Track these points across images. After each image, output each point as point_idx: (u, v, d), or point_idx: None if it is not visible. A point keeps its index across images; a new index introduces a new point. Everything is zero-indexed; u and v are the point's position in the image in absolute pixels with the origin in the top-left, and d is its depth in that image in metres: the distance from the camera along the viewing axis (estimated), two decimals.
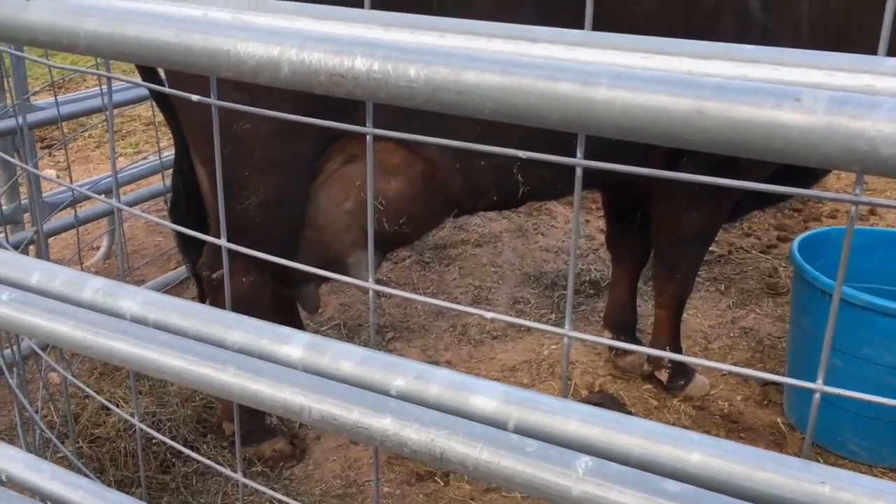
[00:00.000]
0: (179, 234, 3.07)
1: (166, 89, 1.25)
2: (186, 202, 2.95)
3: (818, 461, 2.51)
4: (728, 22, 2.68)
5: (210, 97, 1.13)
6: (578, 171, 0.89)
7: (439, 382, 0.94)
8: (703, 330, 3.86)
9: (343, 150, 2.70)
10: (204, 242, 3.07)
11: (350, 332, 3.82)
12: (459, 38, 0.80)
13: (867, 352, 2.69)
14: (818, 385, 0.85)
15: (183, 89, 2.90)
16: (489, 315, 1.03)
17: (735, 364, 3.62)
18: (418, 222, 2.89)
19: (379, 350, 1.02)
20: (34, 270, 1.15)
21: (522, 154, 0.92)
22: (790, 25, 2.77)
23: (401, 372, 0.96)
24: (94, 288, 1.10)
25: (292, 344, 1.01)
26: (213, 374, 0.99)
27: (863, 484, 0.77)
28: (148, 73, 2.78)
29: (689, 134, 0.63)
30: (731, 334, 3.84)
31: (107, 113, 3.46)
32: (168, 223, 1.39)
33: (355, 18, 0.81)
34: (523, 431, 0.89)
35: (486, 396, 0.92)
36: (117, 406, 2.82)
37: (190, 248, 3.07)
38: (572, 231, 0.93)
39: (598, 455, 0.87)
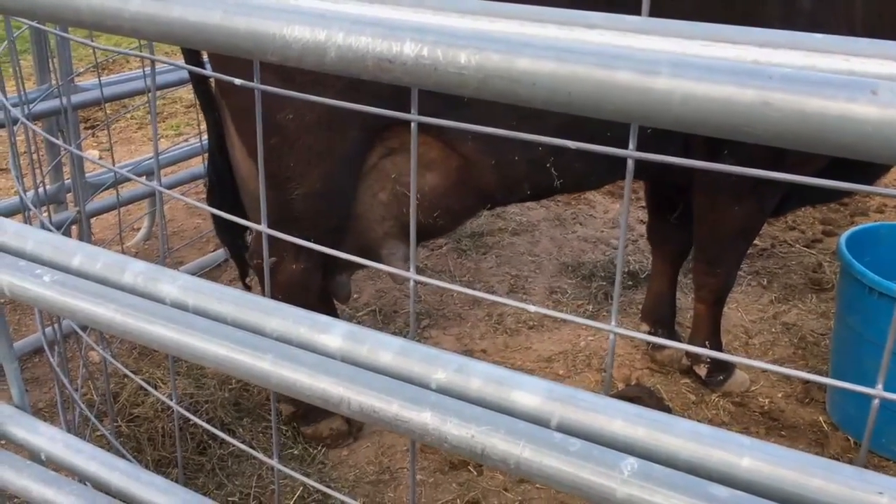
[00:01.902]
0: (217, 219, 3.09)
1: (210, 72, 1.24)
2: (221, 190, 2.97)
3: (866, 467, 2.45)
4: (773, 8, 2.61)
5: (254, 83, 1.12)
6: (630, 163, 0.87)
7: (481, 376, 0.92)
8: (744, 325, 3.80)
9: (383, 143, 2.71)
10: (241, 228, 3.09)
11: (385, 318, 3.82)
12: (511, 24, 0.77)
13: None
14: (877, 391, 0.81)
15: (229, 75, 2.90)
16: (532, 309, 1.00)
17: (776, 360, 3.55)
18: (452, 215, 2.90)
19: (415, 338, 1.00)
20: (76, 253, 1.15)
21: (573, 144, 0.89)
22: (842, 15, 2.69)
23: (441, 364, 0.94)
24: (135, 272, 1.09)
25: (331, 333, 0.99)
26: (251, 361, 0.98)
27: None
28: (191, 56, 2.79)
29: (753, 127, 0.60)
30: (773, 330, 3.77)
31: (149, 95, 3.47)
32: (208, 207, 1.39)
33: (404, 2, 0.78)
34: (566, 429, 0.87)
35: (528, 392, 0.90)
36: (156, 387, 2.85)
37: (226, 234, 3.09)
38: (621, 223, 0.90)
39: (643, 456, 0.84)
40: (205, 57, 2.86)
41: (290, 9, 0.77)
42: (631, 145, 0.84)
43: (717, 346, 3.33)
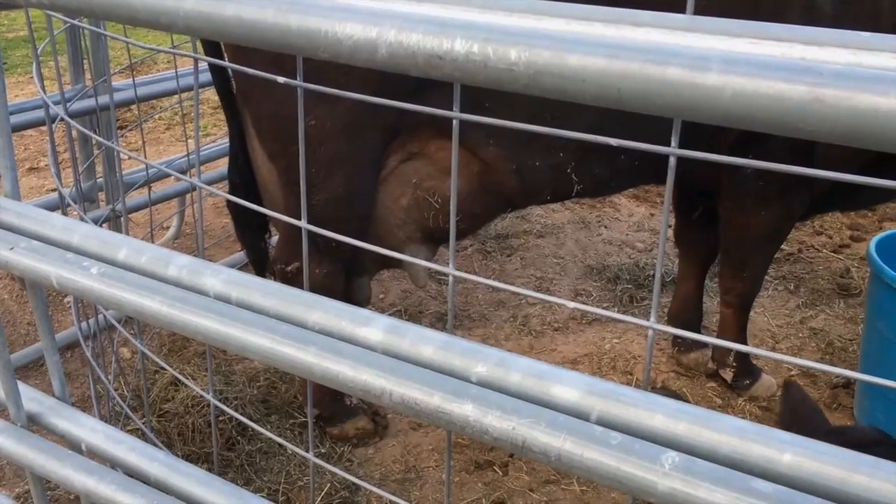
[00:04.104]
0: (238, 222, 3.13)
1: (251, 70, 1.26)
2: (244, 194, 3.00)
3: None
4: (795, 12, 2.60)
5: (297, 81, 1.14)
6: (672, 161, 0.87)
7: (521, 370, 0.93)
8: (771, 329, 3.78)
9: (402, 148, 2.74)
10: (263, 231, 3.12)
11: (411, 318, 3.83)
12: (557, 22, 0.78)
13: None
14: None
15: (251, 82, 2.92)
16: (571, 305, 1.02)
17: (803, 365, 3.52)
18: (473, 220, 2.93)
19: (452, 333, 1.01)
20: (122, 246, 1.17)
21: (614, 142, 0.90)
22: (867, 16, 2.67)
23: (482, 358, 0.95)
24: (180, 265, 1.12)
25: (373, 326, 1.01)
26: (295, 353, 0.99)
27: None
28: (213, 56, 2.82)
29: (805, 123, 0.61)
30: (800, 335, 3.75)
31: (182, 94, 3.49)
32: (247, 203, 1.41)
33: (453, 0, 0.80)
34: (606, 423, 0.88)
35: (568, 386, 0.91)
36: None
37: (248, 236, 3.12)
38: (662, 221, 0.91)
39: (684, 451, 0.85)
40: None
41: (342, 6, 0.79)
42: (673, 142, 0.85)
43: (744, 352, 3.31)
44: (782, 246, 4.38)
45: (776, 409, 3.26)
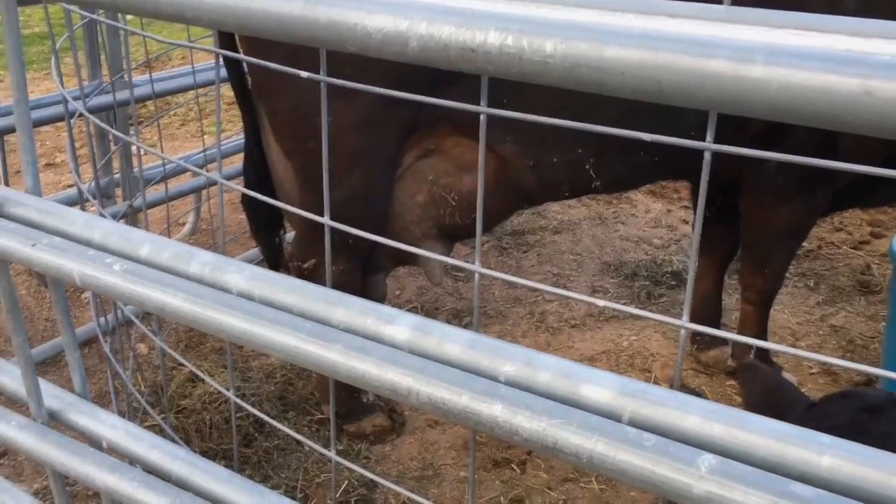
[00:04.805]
0: (253, 219, 3.12)
1: (271, 64, 1.25)
2: (258, 191, 2.98)
3: None
4: (817, 9, 2.57)
5: (321, 76, 1.13)
6: (707, 156, 0.85)
7: (550, 370, 0.91)
8: (791, 326, 3.74)
9: (419, 144, 2.72)
10: (277, 229, 3.12)
11: (427, 314, 3.82)
12: (590, 13, 0.76)
13: None
14: None
15: (267, 78, 2.91)
16: (601, 303, 1.00)
17: (824, 362, 3.49)
18: (490, 217, 2.92)
19: (478, 331, 1.00)
20: (143, 243, 1.16)
21: (647, 137, 0.88)
22: (889, 9, 2.62)
23: (510, 357, 0.94)
24: (202, 262, 1.11)
25: (398, 324, 0.99)
26: (320, 352, 0.98)
27: None
28: (231, 59, 2.81)
29: (854, 116, 0.59)
30: (820, 332, 3.71)
31: (205, 89, 3.46)
32: (268, 199, 1.40)
33: None
34: (639, 425, 0.86)
35: (599, 386, 0.89)
36: (203, 380, 2.89)
37: (263, 233, 3.11)
38: (697, 218, 0.89)
39: (718, 453, 0.83)
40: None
41: None
42: (709, 137, 0.83)
43: (764, 349, 3.28)
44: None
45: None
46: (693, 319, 3.53)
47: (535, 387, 0.92)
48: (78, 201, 2.78)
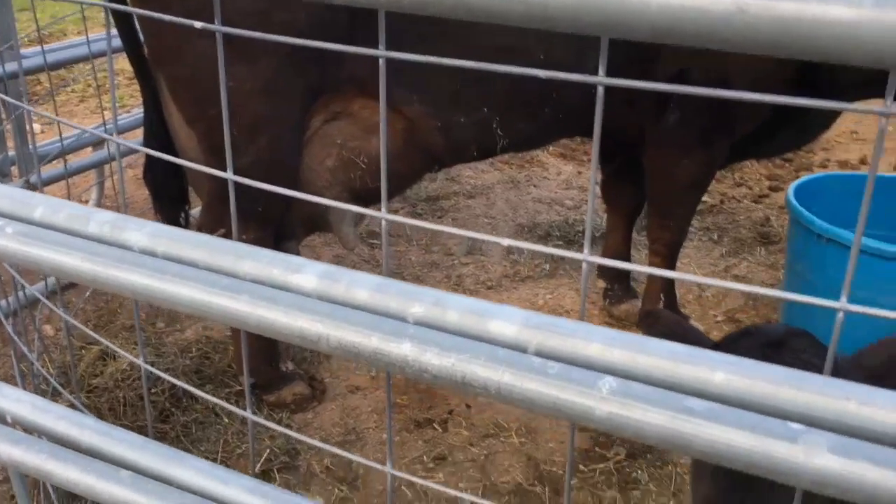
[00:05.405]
0: (157, 194, 3.04)
1: (166, 16, 1.21)
2: (163, 165, 2.91)
3: None
4: None
5: (216, 25, 1.10)
6: (600, 90, 0.88)
7: (457, 309, 0.93)
8: None
9: (325, 108, 2.69)
10: (182, 203, 3.04)
11: None
12: None
13: (863, 295, 2.71)
14: (842, 304, 0.84)
15: (164, 44, 2.83)
16: (547, 250, 1.02)
17: (728, 311, 3.64)
18: (399, 179, 2.92)
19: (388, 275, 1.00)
20: (37, 205, 1.12)
21: (542, 73, 0.90)
22: None
23: (418, 299, 0.95)
24: (101, 221, 1.08)
25: (306, 273, 0.99)
26: (227, 303, 0.97)
27: (889, 399, 0.77)
28: (124, 25, 2.72)
29: (730, 33, 0.61)
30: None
31: (103, 60, 3.33)
32: (182, 161, 1.36)
33: None
34: (545, 355, 0.89)
35: (505, 321, 0.91)
36: (114, 357, 2.81)
37: (167, 209, 3.04)
38: (593, 151, 0.91)
39: (620, 377, 0.86)
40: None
41: None
42: (601, 70, 0.85)
43: (672, 299, 3.40)
44: (705, 198, 4.50)
45: None
46: (604, 275, 3.63)
47: (445, 326, 0.93)
48: None
